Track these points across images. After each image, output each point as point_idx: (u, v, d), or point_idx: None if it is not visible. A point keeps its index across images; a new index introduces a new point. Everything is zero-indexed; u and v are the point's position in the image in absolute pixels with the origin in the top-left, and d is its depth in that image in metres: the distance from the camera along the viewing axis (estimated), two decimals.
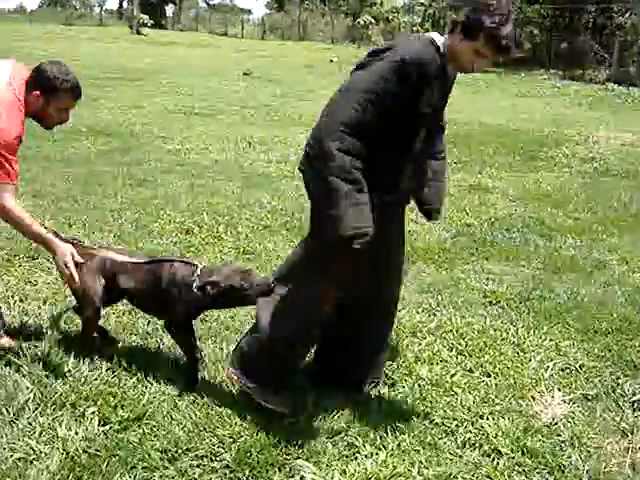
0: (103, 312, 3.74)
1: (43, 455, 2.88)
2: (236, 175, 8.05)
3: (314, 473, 2.85)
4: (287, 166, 8.54)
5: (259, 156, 9.03)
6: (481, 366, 3.87)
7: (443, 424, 3.28)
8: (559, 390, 3.65)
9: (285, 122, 11.59)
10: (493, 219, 7.01)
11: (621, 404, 3.58)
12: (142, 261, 3.61)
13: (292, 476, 2.88)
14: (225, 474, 2.88)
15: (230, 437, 3.08)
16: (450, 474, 2.94)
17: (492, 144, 10.97)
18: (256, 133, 10.45)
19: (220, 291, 3.28)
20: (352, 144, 2.82)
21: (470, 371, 3.83)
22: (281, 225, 6.29)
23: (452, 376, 3.73)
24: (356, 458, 2.99)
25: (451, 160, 9.57)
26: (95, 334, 3.72)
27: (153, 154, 8.80)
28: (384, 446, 3.06)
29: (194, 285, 3.32)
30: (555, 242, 6.28)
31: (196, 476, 2.84)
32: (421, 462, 2.99)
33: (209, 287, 3.29)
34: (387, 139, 2.96)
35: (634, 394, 3.65)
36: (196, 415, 3.19)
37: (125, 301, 3.87)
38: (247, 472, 2.87)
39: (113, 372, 3.47)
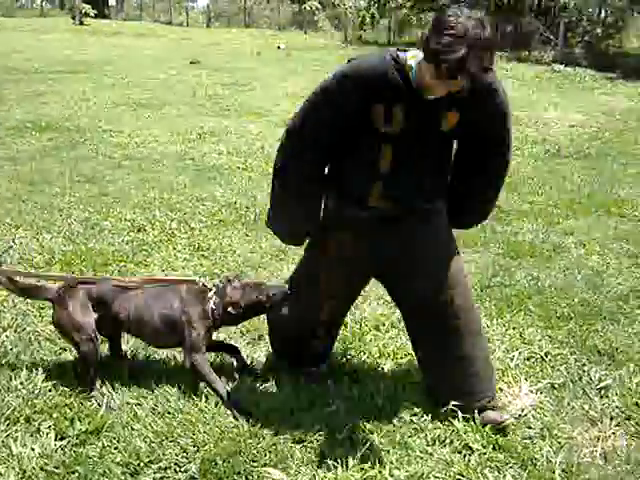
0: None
1: None
2: (187, 168, 7.89)
3: None
4: (239, 157, 8.41)
5: (210, 148, 8.86)
6: None
7: (412, 421, 3.21)
8: (526, 380, 3.60)
9: (235, 112, 11.41)
10: None
11: (588, 392, 3.55)
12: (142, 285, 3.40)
13: None
14: None
15: (194, 446, 2.97)
16: (422, 474, 2.88)
17: None
18: (206, 124, 10.27)
19: (241, 310, 3.30)
20: (306, 156, 2.95)
21: None
22: (235, 220, 6.16)
23: (418, 370, 3.66)
24: (325, 462, 2.91)
25: None
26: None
27: (101, 149, 8.58)
28: (354, 448, 2.98)
29: (212, 307, 3.29)
30: (512, 227, 6.27)
31: None
32: (392, 462, 2.92)
33: (230, 308, 3.28)
34: (346, 153, 2.95)
35: (600, 381, 3.63)
36: (157, 424, 3.07)
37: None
38: None
39: (68, 383, 3.33)
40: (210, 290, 3.33)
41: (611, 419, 3.34)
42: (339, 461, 2.89)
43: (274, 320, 3.54)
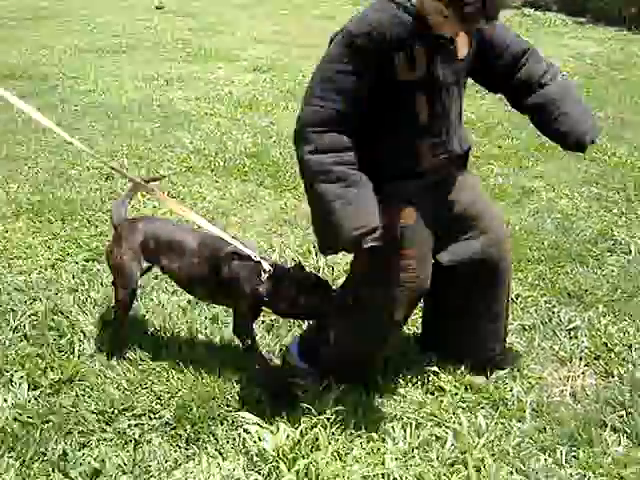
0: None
1: None
2: (154, 115, 7.75)
3: (258, 424, 2.77)
4: (207, 103, 8.27)
5: (177, 94, 8.70)
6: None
7: (385, 365, 3.24)
8: None
9: (202, 57, 11.19)
10: None
11: (558, 333, 3.60)
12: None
13: (235, 428, 2.80)
14: (166, 432, 2.80)
15: (168, 393, 2.98)
16: (395, 415, 2.91)
17: None
18: (172, 70, 10.08)
19: (291, 306, 2.92)
20: (329, 139, 2.49)
21: None
22: (205, 166, 6.08)
23: None
24: (300, 403, 2.93)
25: None
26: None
27: (66, 96, 8.38)
28: (327, 391, 3.00)
29: (264, 289, 2.90)
30: (482, 171, 6.27)
31: (136, 436, 2.75)
32: (365, 404, 2.95)
33: (282, 303, 2.91)
34: (381, 121, 2.65)
35: (570, 322, 3.68)
36: (130, 372, 3.07)
37: None
38: (188, 428, 2.79)
39: (39, 332, 3.31)
40: (265, 270, 2.92)
41: (580, 359, 3.39)
42: (313, 401, 2.91)
43: (336, 340, 3.00)
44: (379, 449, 2.68)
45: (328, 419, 2.77)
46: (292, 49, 11.51)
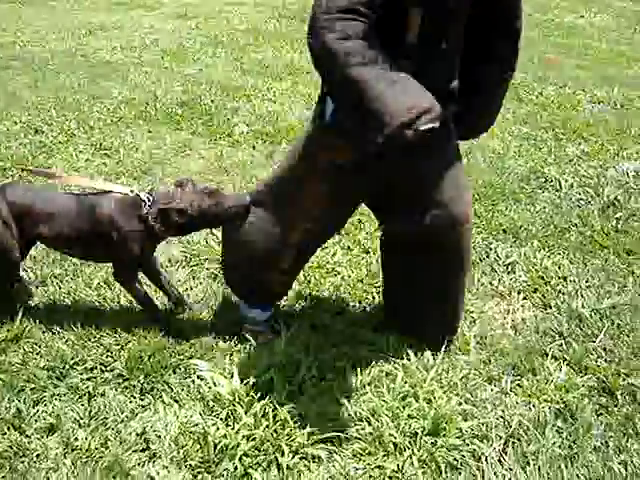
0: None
1: None
2: (80, 66, 7.55)
3: (211, 370, 2.80)
4: (133, 52, 8.09)
5: (102, 44, 8.48)
6: (359, 244, 3.89)
7: (330, 305, 3.30)
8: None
9: (125, 4, 10.91)
10: None
11: (496, 268, 3.71)
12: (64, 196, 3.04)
13: (189, 376, 2.82)
14: (119, 383, 2.79)
15: (117, 345, 2.97)
16: (345, 353, 2.97)
17: None
18: (95, 19, 9.80)
19: (186, 219, 2.84)
20: (353, 28, 2.20)
21: (349, 249, 3.85)
22: (136, 116, 5.98)
23: (333, 255, 3.73)
24: (250, 347, 2.97)
25: (301, 36, 9.37)
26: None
27: None
28: (278, 332, 3.05)
29: (149, 215, 2.83)
30: None
31: (89, 390, 2.74)
32: (315, 345, 3.00)
33: (174, 216, 2.82)
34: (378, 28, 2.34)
35: (507, 257, 3.79)
36: (78, 326, 3.05)
37: None
38: (141, 378, 2.79)
39: None
40: (144, 201, 2.87)
41: (519, 293, 3.51)
42: (264, 345, 2.96)
43: (230, 240, 3.02)
44: (332, 387, 2.74)
45: (280, 361, 2.82)
46: None
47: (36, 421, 2.59)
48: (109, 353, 2.94)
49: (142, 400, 2.71)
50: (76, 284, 3.38)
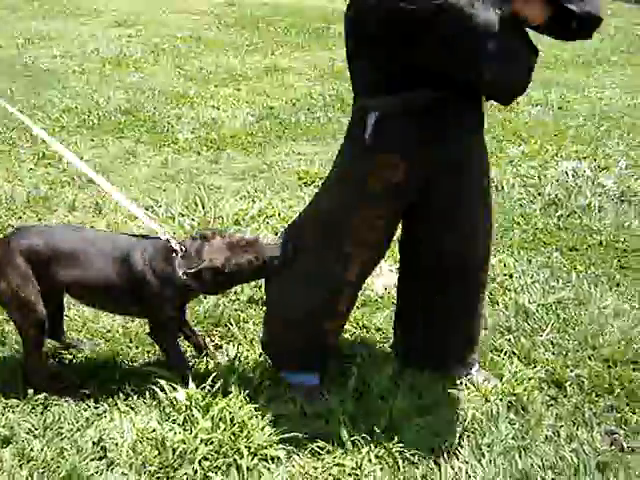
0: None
1: None
2: (19, 74, 7.43)
3: (166, 378, 2.79)
4: (74, 61, 8.00)
5: (41, 52, 8.36)
6: None
7: None
8: (385, 261, 3.75)
9: (63, 12, 10.76)
10: (294, 100, 6.98)
11: None
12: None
13: (144, 384, 2.80)
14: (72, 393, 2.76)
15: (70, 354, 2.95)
16: None
17: (281, 24, 10.80)
18: (33, 27, 9.65)
19: (223, 278, 2.59)
20: None
21: None
22: (79, 125, 5.94)
23: None
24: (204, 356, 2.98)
25: (242, 43, 9.40)
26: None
27: None
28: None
29: (179, 270, 2.56)
30: None
31: (42, 400, 2.70)
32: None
33: (208, 275, 2.55)
34: None
35: None
36: None
37: None
38: (95, 387, 2.76)
39: None
40: (175, 250, 2.60)
41: None
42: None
43: (276, 298, 2.74)
44: (287, 389, 2.76)
45: (235, 366, 2.83)
46: (154, 2, 11.24)
47: None
48: (60, 362, 2.91)
49: (97, 408, 2.68)
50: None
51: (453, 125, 2.39)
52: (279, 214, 4.32)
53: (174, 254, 2.58)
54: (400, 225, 2.66)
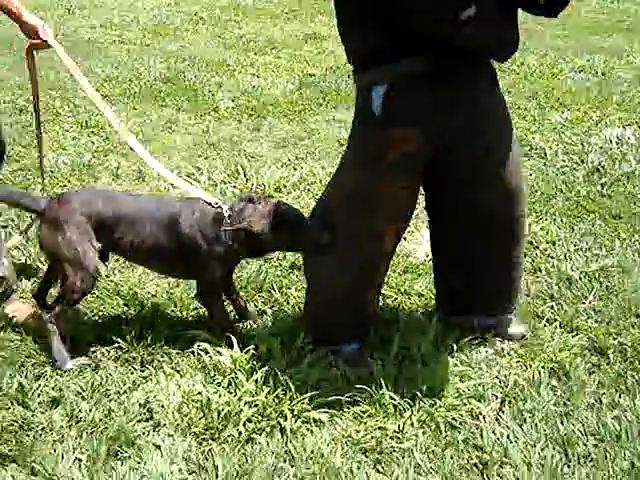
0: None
1: None
2: (60, 44, 7.48)
3: (211, 341, 2.83)
4: (114, 30, 8.05)
5: (81, 22, 8.43)
6: None
7: None
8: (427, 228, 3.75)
9: None
10: (334, 67, 6.96)
11: None
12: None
13: (189, 347, 2.85)
14: (119, 357, 2.81)
15: (116, 319, 3.00)
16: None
17: None
18: None
19: (256, 242, 2.64)
20: None
21: None
22: (120, 93, 6.00)
23: None
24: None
25: (281, 10, 9.36)
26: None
27: None
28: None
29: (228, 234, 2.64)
30: None
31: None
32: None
33: (241, 236, 2.62)
34: None
35: None
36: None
37: None
38: (142, 350, 2.81)
39: None
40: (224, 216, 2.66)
41: None
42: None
43: (319, 276, 2.75)
44: (329, 355, 2.78)
45: (278, 330, 2.86)
46: None
47: (39, 395, 2.61)
48: (109, 329, 2.96)
49: (143, 372, 2.74)
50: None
51: (466, 87, 2.39)
52: (320, 181, 4.32)
53: (222, 216, 2.65)
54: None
